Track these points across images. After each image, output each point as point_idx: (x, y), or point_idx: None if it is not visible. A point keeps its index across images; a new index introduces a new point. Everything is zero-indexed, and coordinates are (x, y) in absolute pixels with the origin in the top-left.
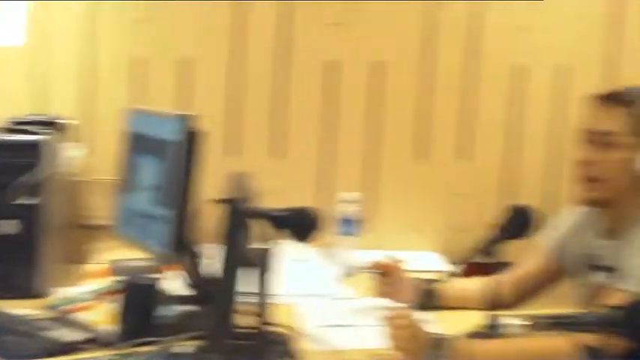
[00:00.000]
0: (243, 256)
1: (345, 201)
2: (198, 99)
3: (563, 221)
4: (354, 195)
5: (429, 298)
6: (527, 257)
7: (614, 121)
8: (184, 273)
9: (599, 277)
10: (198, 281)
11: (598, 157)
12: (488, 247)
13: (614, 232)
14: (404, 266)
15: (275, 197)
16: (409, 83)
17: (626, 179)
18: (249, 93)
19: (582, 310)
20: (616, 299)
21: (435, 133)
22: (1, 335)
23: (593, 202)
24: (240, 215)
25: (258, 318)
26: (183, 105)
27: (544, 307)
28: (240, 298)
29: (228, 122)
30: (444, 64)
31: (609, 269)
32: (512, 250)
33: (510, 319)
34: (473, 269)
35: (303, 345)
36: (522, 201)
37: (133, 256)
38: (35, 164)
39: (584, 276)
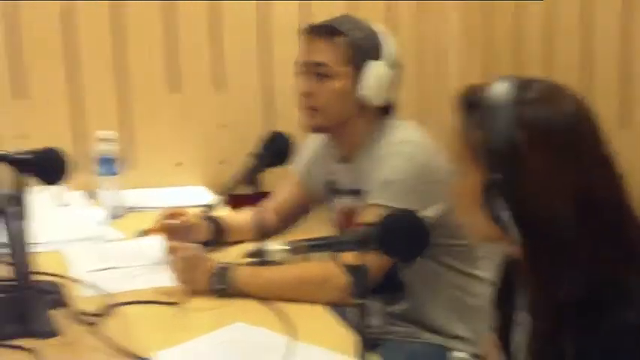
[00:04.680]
0: None
1: (102, 140)
2: None
3: (308, 148)
4: (111, 133)
5: (214, 235)
6: (283, 185)
7: (325, 53)
8: None
9: (344, 200)
10: None
11: (315, 87)
12: (249, 176)
13: (346, 156)
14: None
15: (24, 141)
16: (151, 15)
17: (346, 107)
18: None
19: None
20: (367, 217)
21: (185, 65)
22: None
23: (315, 129)
24: None
25: (18, 268)
26: None
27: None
28: None
29: None
30: None
31: (350, 192)
32: (273, 178)
33: (273, 245)
34: (236, 200)
35: (75, 292)
36: (280, 128)
37: None
38: None
39: (330, 200)
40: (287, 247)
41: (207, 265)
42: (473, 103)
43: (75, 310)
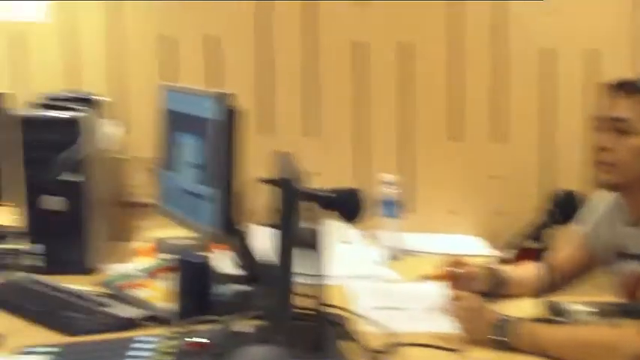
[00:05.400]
0: (297, 236)
1: (385, 182)
2: (228, 77)
3: (595, 208)
4: (393, 177)
5: (494, 287)
6: (565, 243)
7: (628, 109)
8: (232, 252)
9: (632, 266)
10: (247, 261)
11: (612, 143)
12: (537, 232)
13: (638, 219)
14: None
15: (315, 178)
16: (438, 64)
17: None
18: (278, 72)
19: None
20: None
21: (467, 115)
22: (62, 311)
23: (608, 186)
24: (292, 195)
25: (314, 299)
26: (213, 83)
27: (586, 294)
28: (296, 279)
29: (259, 101)
30: (471, 45)
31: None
32: (557, 235)
33: (574, 305)
34: (522, 254)
35: (360, 327)
36: (559, 184)
37: (176, 234)
38: (75, 141)
39: (616, 264)
40: (592, 309)
41: (489, 316)
42: None
43: (361, 344)
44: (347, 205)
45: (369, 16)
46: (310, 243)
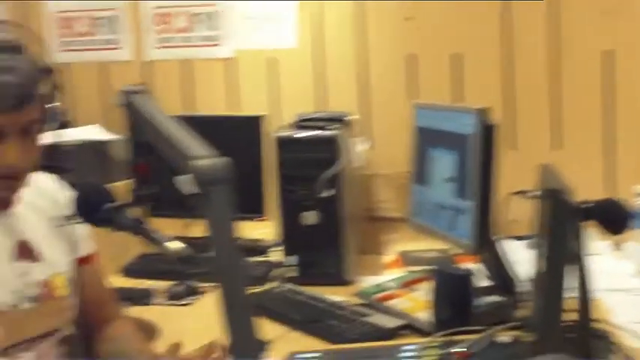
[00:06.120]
0: (569, 250)
1: (638, 194)
2: (472, 93)
3: None
4: None
5: None
6: None
7: None
8: (482, 264)
9: None
10: (501, 273)
11: None
12: None
13: None
14: None
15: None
16: None
17: None
18: (523, 86)
19: None
20: None
21: None
22: (324, 319)
23: None
24: (561, 207)
25: (579, 312)
26: (456, 100)
27: None
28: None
29: (504, 116)
30: None
31: None
32: None
33: None
34: None
35: (624, 341)
36: None
37: (423, 246)
38: (333, 158)
39: None
40: None
41: None
42: None
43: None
44: (609, 216)
45: (615, 25)
46: (574, 255)
